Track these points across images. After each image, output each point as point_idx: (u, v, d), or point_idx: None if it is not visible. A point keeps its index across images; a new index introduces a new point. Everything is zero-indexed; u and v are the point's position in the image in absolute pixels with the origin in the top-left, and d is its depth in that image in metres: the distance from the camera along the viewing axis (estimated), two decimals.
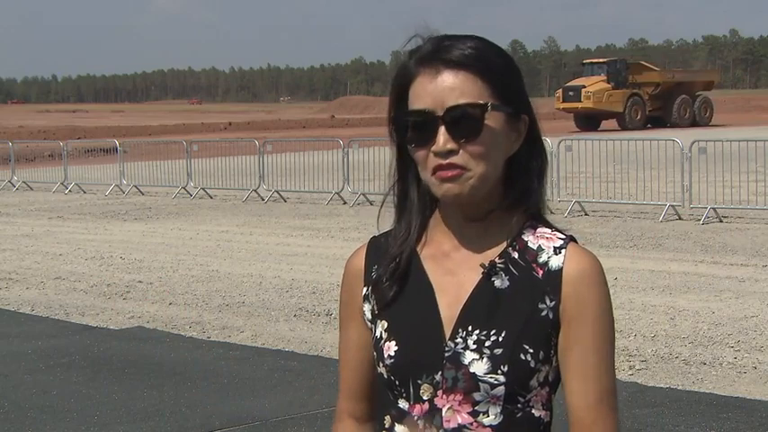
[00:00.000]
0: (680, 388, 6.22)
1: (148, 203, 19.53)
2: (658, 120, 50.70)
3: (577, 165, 16.47)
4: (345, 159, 18.83)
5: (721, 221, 14.04)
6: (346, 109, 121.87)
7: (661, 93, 51.31)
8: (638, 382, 6.34)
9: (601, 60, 53.40)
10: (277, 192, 19.34)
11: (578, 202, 15.53)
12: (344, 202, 18.05)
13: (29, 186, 24.01)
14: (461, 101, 1.59)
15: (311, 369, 6.81)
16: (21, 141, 33.45)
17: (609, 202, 15.95)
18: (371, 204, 17.64)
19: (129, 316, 8.82)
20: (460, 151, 1.59)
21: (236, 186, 20.27)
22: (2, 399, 6.26)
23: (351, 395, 1.79)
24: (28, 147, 32.56)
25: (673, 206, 14.74)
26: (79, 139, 40.46)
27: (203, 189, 20.52)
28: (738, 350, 7.04)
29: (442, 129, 1.59)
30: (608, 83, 48.94)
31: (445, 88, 1.60)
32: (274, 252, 12.27)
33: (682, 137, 17.25)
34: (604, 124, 49.73)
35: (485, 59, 1.62)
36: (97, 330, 8.29)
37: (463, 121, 1.59)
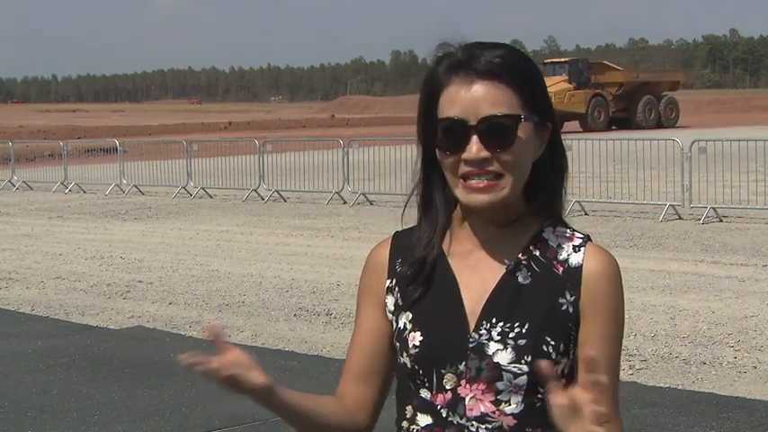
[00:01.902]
0: (680, 388, 6.22)
1: (148, 203, 19.54)
2: (623, 121, 49.33)
3: (577, 165, 16.46)
4: (345, 159, 18.83)
5: (721, 221, 14.04)
6: (346, 109, 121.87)
7: (625, 93, 49.90)
8: (638, 381, 6.34)
9: (562, 60, 51.83)
10: (277, 191, 19.34)
11: (578, 202, 15.53)
12: (344, 202, 18.05)
13: (29, 186, 24.01)
14: (495, 111, 1.64)
15: (311, 369, 6.82)
16: (21, 141, 33.48)
17: (609, 201, 15.96)
18: (371, 204, 17.64)
19: (129, 316, 8.82)
20: (494, 161, 1.65)
21: (236, 186, 20.27)
22: (2, 399, 6.26)
23: (349, 377, 1.83)
24: (28, 146, 32.58)
25: (673, 206, 14.74)
26: (79, 138, 40.46)
27: (203, 189, 20.52)
28: (738, 350, 7.04)
29: (475, 138, 1.64)
30: (570, 83, 47.40)
31: (478, 98, 1.65)
32: (274, 252, 12.27)
33: (682, 137, 17.26)
34: (566, 126, 47.79)
35: (515, 69, 1.67)
36: (97, 330, 8.29)
37: (496, 131, 1.65)
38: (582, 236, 1.75)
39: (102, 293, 9.91)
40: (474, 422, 1.67)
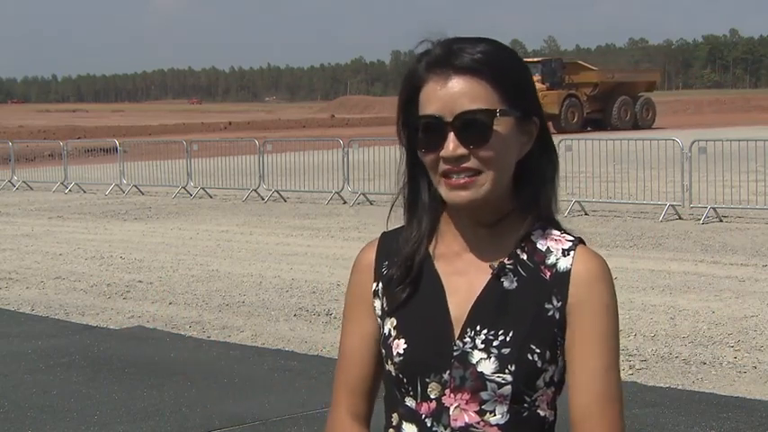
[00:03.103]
0: (680, 388, 6.22)
1: (148, 203, 19.54)
2: (598, 122, 48.41)
3: (577, 165, 16.47)
4: (345, 159, 18.84)
5: (721, 221, 14.04)
6: (346, 109, 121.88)
7: (600, 94, 48.56)
8: (638, 381, 6.33)
9: (535, 60, 50.08)
10: (277, 191, 19.34)
11: (578, 202, 15.53)
12: (344, 202, 18.05)
13: (29, 186, 24.01)
14: (471, 107, 1.60)
15: (311, 369, 6.81)
16: (21, 141, 33.48)
17: (609, 201, 15.95)
18: (371, 204, 17.65)
19: (129, 316, 8.82)
20: (471, 157, 1.61)
21: (236, 186, 20.27)
22: (2, 399, 6.25)
23: (350, 389, 1.79)
24: (28, 146, 32.58)
25: (673, 206, 14.73)
26: (79, 138, 40.47)
27: (203, 189, 20.52)
28: (738, 350, 7.04)
29: (452, 135, 1.60)
30: (543, 83, 45.81)
31: (455, 94, 1.61)
32: (274, 252, 12.27)
33: (682, 137, 17.26)
34: None
35: (495, 64, 1.62)
36: (97, 330, 8.29)
37: (472, 127, 1.60)
38: (572, 239, 1.69)
39: (102, 293, 9.90)
40: None
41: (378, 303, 1.75)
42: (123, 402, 6.10)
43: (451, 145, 1.60)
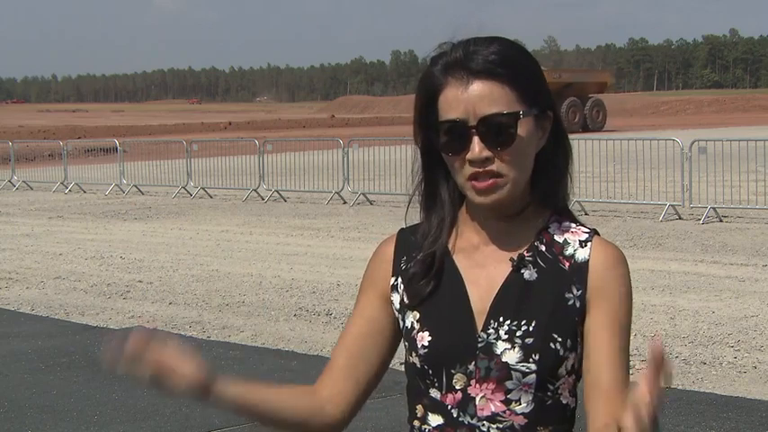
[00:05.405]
0: (680, 388, 6.22)
1: (148, 203, 19.54)
2: None
3: (577, 165, 16.24)
4: (345, 159, 18.84)
5: (721, 221, 14.04)
6: (346, 109, 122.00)
7: None
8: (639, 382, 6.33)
9: None
10: (277, 191, 19.34)
11: (578, 202, 15.52)
12: (344, 202, 18.05)
13: (29, 186, 24.01)
14: (494, 110, 1.64)
15: (311, 369, 6.81)
16: (21, 141, 33.47)
17: (609, 201, 15.96)
18: (371, 204, 17.64)
19: (129, 316, 8.82)
20: (495, 159, 1.65)
21: (236, 186, 20.28)
22: (2, 399, 6.26)
23: (330, 368, 1.84)
24: (28, 146, 32.57)
25: (673, 206, 14.74)
26: (79, 138, 40.49)
27: (203, 189, 20.52)
28: (738, 350, 7.04)
29: (476, 138, 1.64)
30: None
31: (475, 97, 1.64)
32: (274, 252, 12.27)
33: (682, 137, 17.27)
34: None
35: (510, 64, 1.67)
36: (97, 330, 8.29)
37: (496, 130, 1.64)
38: (588, 230, 1.75)
39: (102, 293, 9.91)
40: (485, 422, 1.67)
41: (396, 298, 1.78)
42: (123, 402, 6.11)
43: (477, 148, 1.64)
